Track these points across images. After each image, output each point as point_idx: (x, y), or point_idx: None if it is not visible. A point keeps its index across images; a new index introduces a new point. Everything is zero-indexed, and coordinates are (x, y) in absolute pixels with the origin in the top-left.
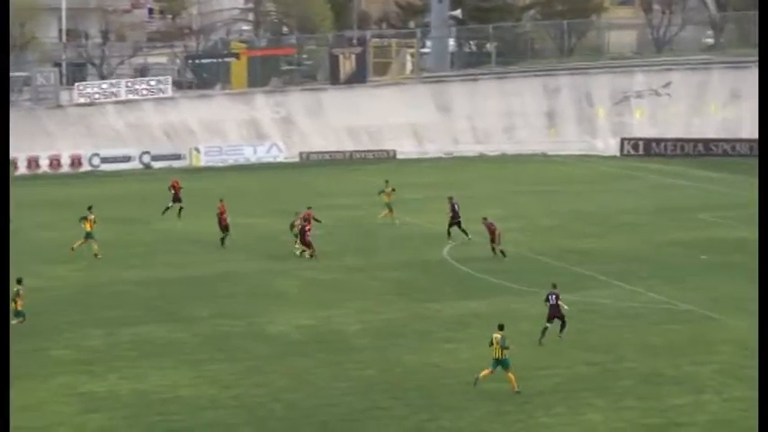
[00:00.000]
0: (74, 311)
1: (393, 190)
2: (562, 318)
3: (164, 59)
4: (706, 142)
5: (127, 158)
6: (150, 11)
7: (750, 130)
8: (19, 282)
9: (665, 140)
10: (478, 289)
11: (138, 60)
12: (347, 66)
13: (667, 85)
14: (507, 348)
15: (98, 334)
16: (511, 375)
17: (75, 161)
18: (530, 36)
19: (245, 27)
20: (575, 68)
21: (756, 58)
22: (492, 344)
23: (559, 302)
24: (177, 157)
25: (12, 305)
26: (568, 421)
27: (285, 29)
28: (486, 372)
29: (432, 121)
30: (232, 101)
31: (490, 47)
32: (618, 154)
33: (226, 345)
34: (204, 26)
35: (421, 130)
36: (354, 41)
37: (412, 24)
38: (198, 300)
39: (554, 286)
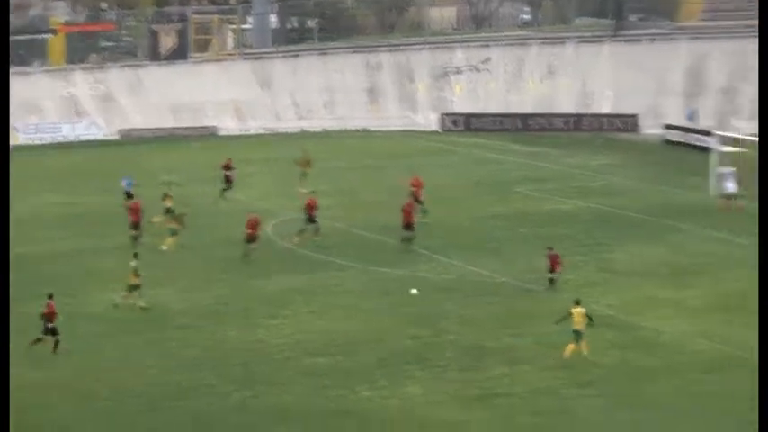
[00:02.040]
0: None
1: (308, 161)
2: None
3: None
4: (524, 117)
5: None
6: None
7: (566, 104)
8: None
9: (485, 115)
10: (301, 265)
11: None
12: (168, 42)
13: (486, 60)
14: (592, 321)
15: None
16: (585, 344)
17: None
18: (351, 12)
19: (62, 2)
20: (396, 45)
21: (572, 35)
22: (570, 317)
23: None
24: None
25: None
26: (390, 394)
27: (104, 4)
28: (571, 347)
29: (253, 98)
30: (50, 78)
31: (312, 23)
32: (438, 129)
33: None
34: (20, 2)
35: (242, 107)
36: (175, 17)
37: (233, 0)
38: (20, 280)
39: None
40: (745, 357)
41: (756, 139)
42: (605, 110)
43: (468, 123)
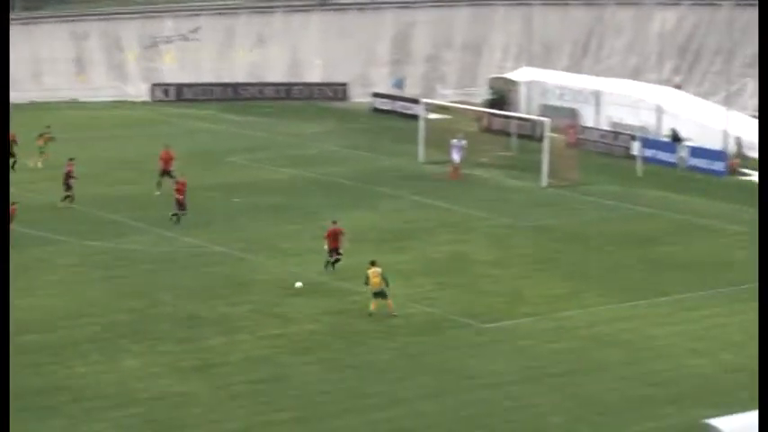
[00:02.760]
0: None
1: (49, 137)
2: None
3: None
4: (235, 86)
5: None
6: None
7: (277, 74)
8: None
9: (196, 85)
10: (12, 240)
11: None
12: None
13: (196, 30)
14: (387, 283)
15: None
16: (390, 302)
17: None
18: None
19: None
20: (104, 14)
21: (281, 4)
22: (368, 280)
23: None
24: None
25: None
26: (105, 369)
27: None
28: (374, 304)
29: None
30: None
31: None
32: (149, 99)
33: None
34: None
35: None
36: None
37: None
38: None
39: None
40: (453, 319)
41: (462, 105)
42: (315, 79)
43: (180, 93)
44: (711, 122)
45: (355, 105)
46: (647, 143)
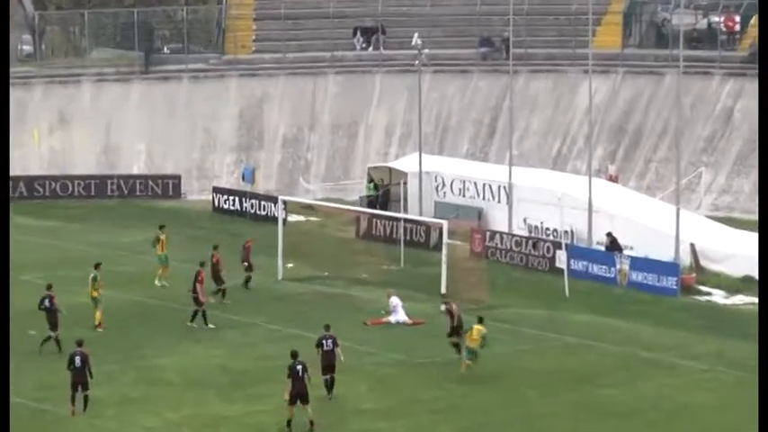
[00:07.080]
0: None
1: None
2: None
3: None
4: (29, 181)
5: None
6: None
7: (85, 164)
8: None
9: None
10: None
11: None
12: None
13: None
14: (485, 344)
15: None
16: (469, 363)
17: None
18: None
19: None
20: None
21: (90, 71)
22: (470, 332)
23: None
24: None
25: None
26: None
27: None
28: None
29: None
30: None
31: None
32: None
33: None
34: None
35: None
36: None
37: None
38: None
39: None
40: None
41: (332, 204)
42: (137, 170)
43: None
44: (658, 226)
45: (191, 204)
46: (576, 253)
